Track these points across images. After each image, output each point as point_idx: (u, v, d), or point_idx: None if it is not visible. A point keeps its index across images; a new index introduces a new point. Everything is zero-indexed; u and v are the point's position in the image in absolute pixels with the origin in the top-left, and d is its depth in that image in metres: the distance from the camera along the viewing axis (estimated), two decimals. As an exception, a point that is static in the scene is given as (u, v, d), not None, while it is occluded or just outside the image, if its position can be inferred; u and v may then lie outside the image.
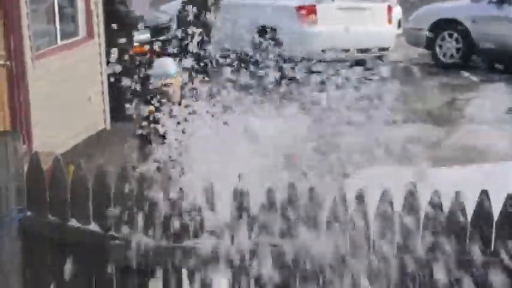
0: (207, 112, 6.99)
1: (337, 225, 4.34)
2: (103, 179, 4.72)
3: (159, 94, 8.36)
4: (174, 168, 5.56)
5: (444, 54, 17.75)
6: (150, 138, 7.94)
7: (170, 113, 7.54)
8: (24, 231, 4.79)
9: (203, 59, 10.05)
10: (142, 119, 8.38)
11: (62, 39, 12.12)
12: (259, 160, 6.57)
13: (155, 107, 8.29)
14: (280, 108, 7.77)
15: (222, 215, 4.53)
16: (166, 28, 17.19)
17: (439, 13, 18.11)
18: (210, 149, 6.25)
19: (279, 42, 15.69)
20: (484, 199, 4.23)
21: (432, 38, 17.76)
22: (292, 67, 8.56)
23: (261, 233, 4.45)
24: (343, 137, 8.05)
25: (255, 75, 8.49)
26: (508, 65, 16.38)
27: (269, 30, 16.57)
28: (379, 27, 17.53)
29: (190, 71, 8.89)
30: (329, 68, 8.74)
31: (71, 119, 11.52)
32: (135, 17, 14.65)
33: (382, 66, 12.88)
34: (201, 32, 13.04)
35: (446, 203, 4.28)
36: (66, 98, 11.50)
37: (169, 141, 6.79)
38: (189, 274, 4.55)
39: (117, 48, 11.42)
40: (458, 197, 4.25)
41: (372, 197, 4.37)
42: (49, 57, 11.52)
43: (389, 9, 18.14)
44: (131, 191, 4.66)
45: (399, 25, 19.08)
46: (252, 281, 4.46)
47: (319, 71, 8.65)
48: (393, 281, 4.27)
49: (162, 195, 4.62)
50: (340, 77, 8.97)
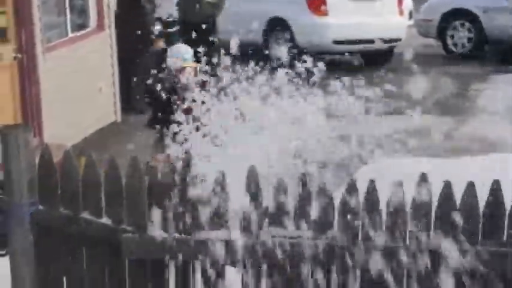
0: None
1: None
2: (115, 171, 4.72)
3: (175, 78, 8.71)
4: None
5: (455, 45, 17.73)
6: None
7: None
8: (36, 224, 4.79)
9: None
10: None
11: (72, 31, 12.13)
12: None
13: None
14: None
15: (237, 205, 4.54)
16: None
17: (450, 3, 18.07)
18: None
19: (290, 33, 15.77)
20: (496, 189, 4.21)
21: (443, 28, 17.74)
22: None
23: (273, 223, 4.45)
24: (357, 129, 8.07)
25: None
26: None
27: (280, 22, 16.58)
28: (390, 19, 17.50)
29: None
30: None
31: (81, 111, 11.54)
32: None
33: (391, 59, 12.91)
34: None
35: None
36: (77, 90, 11.52)
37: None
38: (201, 266, 4.55)
39: None
40: (472, 188, 4.24)
41: (386, 186, 4.37)
42: (60, 49, 11.54)
43: (399, 0, 18.12)
44: (143, 183, 4.66)
45: (410, 16, 19.05)
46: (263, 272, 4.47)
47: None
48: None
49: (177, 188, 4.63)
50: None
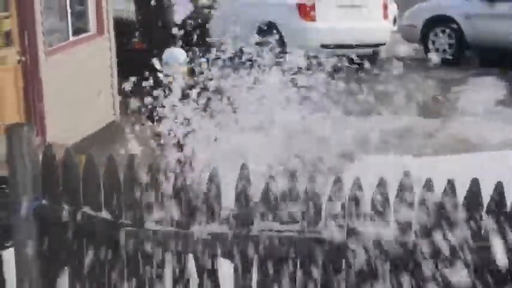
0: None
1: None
2: (113, 168, 4.73)
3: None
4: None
5: (438, 49, 17.76)
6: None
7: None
8: (40, 218, 4.81)
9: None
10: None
11: (73, 35, 12.13)
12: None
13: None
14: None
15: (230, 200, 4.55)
16: None
17: (433, 10, 18.11)
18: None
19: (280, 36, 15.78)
20: (474, 186, 4.23)
21: (426, 33, 17.79)
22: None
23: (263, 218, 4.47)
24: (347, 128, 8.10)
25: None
26: (498, 60, 16.37)
27: (271, 25, 16.59)
28: (375, 24, 17.54)
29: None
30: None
31: (82, 111, 11.54)
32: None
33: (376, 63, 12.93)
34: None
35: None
36: (78, 91, 11.52)
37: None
38: (195, 258, 4.56)
39: None
40: (452, 185, 4.26)
41: (372, 181, 4.38)
42: (61, 52, 11.54)
43: (385, 6, 18.16)
44: (139, 179, 4.67)
45: (395, 22, 19.08)
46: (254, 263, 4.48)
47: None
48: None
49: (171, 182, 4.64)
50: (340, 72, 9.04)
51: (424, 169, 4.89)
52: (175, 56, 9.81)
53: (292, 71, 8.53)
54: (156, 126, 8.84)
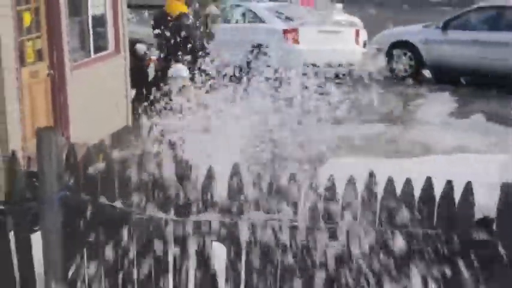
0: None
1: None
2: (126, 164, 4.74)
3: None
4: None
5: (400, 69, 17.80)
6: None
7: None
8: (64, 207, 4.80)
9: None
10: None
11: (94, 53, 12.12)
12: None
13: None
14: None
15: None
16: None
17: (396, 36, 18.17)
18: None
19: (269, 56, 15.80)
20: (428, 184, 4.25)
21: (390, 55, 17.85)
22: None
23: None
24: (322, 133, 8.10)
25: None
26: (450, 78, 16.43)
27: (262, 47, 16.62)
28: (348, 47, 17.58)
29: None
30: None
31: (101, 117, 11.53)
32: None
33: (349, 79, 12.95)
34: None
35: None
36: (97, 100, 11.51)
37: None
38: (194, 241, 4.56)
39: None
40: (409, 184, 4.28)
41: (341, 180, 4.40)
42: (84, 67, 11.53)
43: (357, 32, 18.21)
44: (148, 174, 4.68)
45: (364, 45, 19.08)
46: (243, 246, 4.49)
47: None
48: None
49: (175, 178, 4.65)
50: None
51: (387, 168, 4.90)
52: (179, 71, 9.91)
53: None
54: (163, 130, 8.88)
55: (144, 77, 13.59)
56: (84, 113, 10.99)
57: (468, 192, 4.19)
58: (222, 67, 9.92)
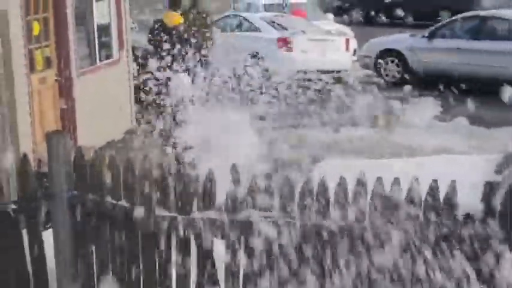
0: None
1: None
2: (130, 166, 4.76)
3: None
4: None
5: (387, 75, 17.84)
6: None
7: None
8: (72, 206, 4.82)
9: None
10: None
11: (100, 60, 12.13)
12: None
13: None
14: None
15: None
16: None
17: (384, 44, 18.21)
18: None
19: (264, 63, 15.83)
20: (414, 183, 4.28)
21: (378, 62, 17.89)
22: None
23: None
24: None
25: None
26: (435, 83, 16.45)
27: (258, 55, 16.66)
28: (339, 55, 17.62)
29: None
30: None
31: (106, 120, 11.53)
32: None
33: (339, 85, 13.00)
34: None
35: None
36: (103, 104, 11.51)
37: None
38: (195, 238, 4.58)
39: None
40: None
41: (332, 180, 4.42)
42: (90, 73, 11.54)
43: (347, 41, 18.26)
44: (150, 174, 4.70)
45: (354, 53, 19.14)
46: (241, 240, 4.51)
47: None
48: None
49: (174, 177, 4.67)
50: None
51: (376, 169, 4.92)
52: (183, 80, 9.93)
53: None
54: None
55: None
56: (91, 116, 11.00)
57: (452, 190, 4.22)
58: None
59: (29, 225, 4.93)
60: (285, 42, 17.05)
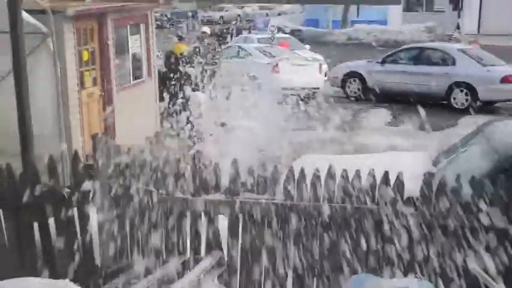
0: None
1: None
2: (156, 158, 4.74)
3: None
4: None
5: (351, 91, 17.84)
6: None
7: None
8: (110, 190, 4.79)
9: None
10: None
11: (133, 80, 12.11)
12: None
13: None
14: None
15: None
16: None
17: (348, 68, 18.23)
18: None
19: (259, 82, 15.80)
20: (372, 175, 4.27)
21: (344, 81, 17.90)
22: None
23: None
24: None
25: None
26: (386, 98, 16.47)
27: (253, 76, 16.64)
28: (314, 76, 17.61)
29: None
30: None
31: (138, 125, 11.51)
32: None
33: (314, 99, 12.97)
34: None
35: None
36: (136, 113, 11.49)
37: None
38: (204, 215, 4.57)
39: None
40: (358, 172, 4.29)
41: (309, 171, 4.41)
42: (126, 89, 11.53)
43: (320, 66, 18.25)
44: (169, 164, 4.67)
45: (325, 75, 19.13)
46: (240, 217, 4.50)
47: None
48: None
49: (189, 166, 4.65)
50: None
51: (342, 162, 4.92)
52: (198, 98, 9.87)
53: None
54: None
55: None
56: (126, 122, 10.98)
57: (399, 179, 4.22)
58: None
59: (79, 204, 4.90)
60: (273, 66, 17.05)
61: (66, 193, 4.84)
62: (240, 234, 4.48)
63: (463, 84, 15.78)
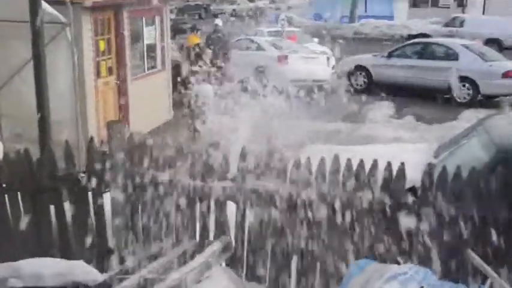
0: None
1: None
2: (168, 145, 4.73)
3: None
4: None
5: (357, 84, 17.76)
6: None
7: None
8: (125, 176, 4.78)
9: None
10: None
11: (148, 70, 12.12)
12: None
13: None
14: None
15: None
16: None
17: (354, 62, 18.13)
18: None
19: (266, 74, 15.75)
20: (375, 165, 4.24)
21: (350, 74, 17.81)
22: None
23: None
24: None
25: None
26: (392, 91, 16.38)
27: (262, 68, 16.58)
28: (322, 68, 17.52)
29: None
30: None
31: (152, 113, 11.53)
32: None
33: (321, 91, 12.95)
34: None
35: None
36: (149, 101, 11.51)
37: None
38: (215, 202, 4.56)
39: None
40: (361, 163, 4.26)
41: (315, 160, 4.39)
42: (141, 79, 11.54)
43: (328, 58, 18.14)
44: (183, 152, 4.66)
45: (333, 67, 19.04)
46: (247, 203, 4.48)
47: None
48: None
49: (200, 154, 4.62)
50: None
51: (348, 153, 4.90)
52: (207, 91, 9.83)
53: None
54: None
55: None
56: (140, 110, 11.01)
57: (402, 169, 4.20)
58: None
59: (94, 188, 4.90)
60: (282, 58, 16.96)
61: (81, 177, 4.85)
62: (246, 221, 4.47)
63: (465, 78, 15.68)
